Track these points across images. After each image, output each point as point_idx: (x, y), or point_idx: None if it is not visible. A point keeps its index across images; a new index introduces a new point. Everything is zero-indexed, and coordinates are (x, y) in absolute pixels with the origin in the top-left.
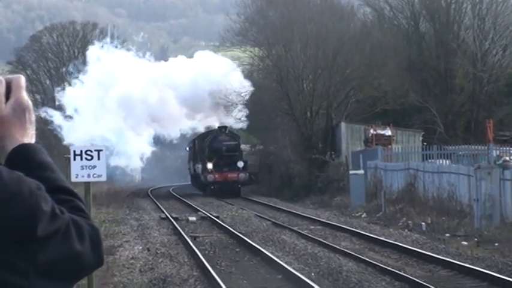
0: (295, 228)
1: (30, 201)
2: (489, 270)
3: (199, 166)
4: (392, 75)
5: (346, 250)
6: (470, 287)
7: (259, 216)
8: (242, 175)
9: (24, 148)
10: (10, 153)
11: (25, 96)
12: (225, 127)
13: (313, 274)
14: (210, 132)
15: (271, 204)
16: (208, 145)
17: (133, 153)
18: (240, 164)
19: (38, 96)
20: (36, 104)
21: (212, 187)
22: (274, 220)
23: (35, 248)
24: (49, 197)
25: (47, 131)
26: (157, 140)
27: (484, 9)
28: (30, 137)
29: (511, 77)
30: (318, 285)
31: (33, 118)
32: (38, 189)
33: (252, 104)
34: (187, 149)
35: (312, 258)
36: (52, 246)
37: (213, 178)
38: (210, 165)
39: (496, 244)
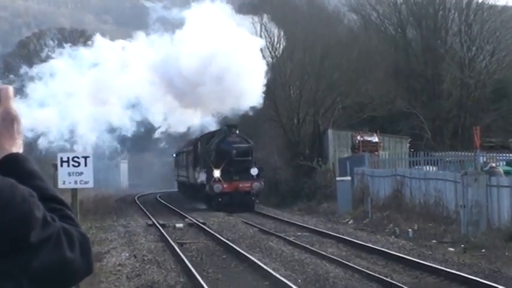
0: (282, 235)
1: (23, 208)
2: (476, 276)
3: (202, 174)
4: (379, 82)
5: (332, 256)
6: None
7: (246, 222)
8: (257, 184)
9: (13, 158)
10: (0, 163)
11: (13, 107)
12: (235, 126)
13: (299, 281)
14: (216, 133)
15: (257, 210)
16: (215, 148)
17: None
18: (254, 171)
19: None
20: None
21: (220, 199)
22: (261, 227)
23: (27, 254)
24: (41, 205)
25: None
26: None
27: (471, 15)
28: (18, 146)
29: (498, 82)
30: None
31: (21, 128)
32: (30, 197)
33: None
34: (174, 155)
35: (298, 264)
36: (44, 253)
37: (221, 188)
38: (217, 173)
39: (483, 250)
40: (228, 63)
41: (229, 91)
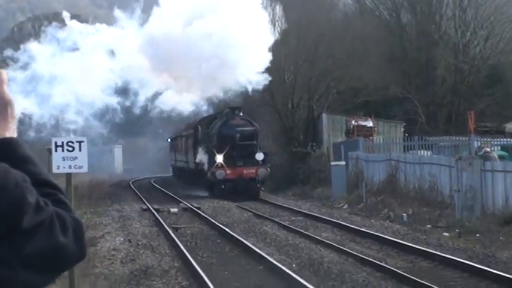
0: (277, 220)
1: (16, 193)
2: (470, 261)
3: (203, 159)
4: (373, 67)
5: (327, 241)
6: (451, 278)
7: (240, 207)
8: (262, 170)
9: (6, 142)
10: None
11: (6, 91)
12: (239, 108)
13: (294, 265)
14: (218, 115)
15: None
16: (217, 132)
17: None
18: (260, 156)
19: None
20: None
21: (222, 186)
22: (255, 211)
23: (20, 239)
24: (34, 190)
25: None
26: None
27: (466, 0)
28: (12, 131)
29: (492, 68)
30: (299, 276)
31: (15, 113)
32: (23, 181)
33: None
34: (169, 140)
35: (293, 249)
36: (37, 238)
37: (224, 175)
38: (219, 158)
39: (477, 235)
40: (228, 34)
41: (228, 66)
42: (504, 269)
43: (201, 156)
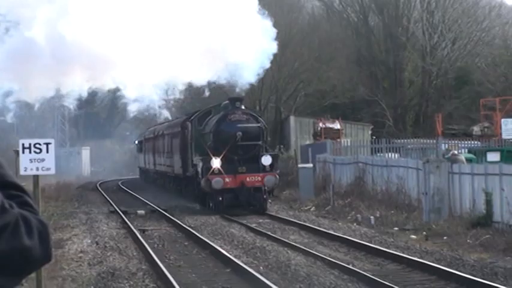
0: (244, 222)
1: None
2: (438, 263)
3: (198, 163)
4: (341, 69)
5: (294, 244)
6: (419, 281)
7: (206, 209)
8: (270, 178)
9: None
10: None
11: None
12: (240, 99)
13: (261, 268)
14: (213, 109)
15: None
16: (214, 130)
17: None
18: (267, 160)
19: None
20: None
21: (220, 198)
22: (222, 214)
23: None
24: None
25: None
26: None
27: (433, 3)
28: None
29: (460, 70)
30: (267, 278)
31: None
32: None
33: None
34: (136, 142)
35: (260, 251)
36: (1, 241)
37: (222, 183)
38: (216, 163)
39: (445, 238)
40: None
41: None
42: (472, 271)
43: (193, 160)
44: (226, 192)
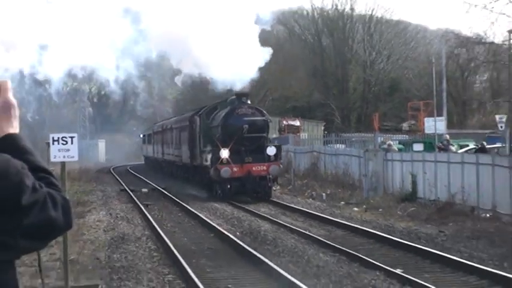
0: (207, 194)
1: (17, 178)
2: (374, 230)
3: (207, 154)
4: (300, 79)
5: (264, 215)
6: (360, 243)
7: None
8: (275, 167)
9: (10, 137)
10: None
11: (11, 97)
12: (246, 95)
13: (238, 233)
14: (219, 104)
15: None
16: (222, 123)
17: None
18: (271, 150)
19: None
20: None
21: (228, 186)
22: (209, 193)
23: (20, 215)
24: (31, 175)
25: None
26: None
27: (372, 27)
28: (15, 128)
29: (393, 80)
30: (242, 241)
31: (17, 113)
32: (22, 168)
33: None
34: (141, 136)
35: (237, 220)
36: (33, 213)
37: (230, 173)
38: (225, 153)
39: (380, 210)
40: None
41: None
42: (401, 236)
43: (202, 151)
44: (234, 181)
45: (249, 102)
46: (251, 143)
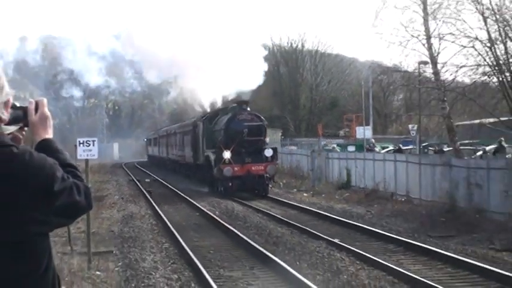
0: (209, 190)
1: (50, 171)
2: (319, 210)
3: (210, 155)
4: (264, 98)
5: (237, 199)
6: (308, 219)
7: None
8: (272, 167)
9: (46, 141)
10: (38, 144)
11: (46, 111)
12: (246, 102)
13: (217, 212)
14: (221, 111)
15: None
16: (224, 127)
17: None
18: (269, 152)
19: None
20: None
21: (230, 183)
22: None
23: (53, 198)
24: (61, 169)
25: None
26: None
27: (317, 59)
28: (49, 134)
29: (333, 98)
30: (220, 219)
31: (51, 123)
32: (54, 164)
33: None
34: (145, 139)
35: (216, 203)
36: (62, 197)
37: (232, 172)
38: (227, 154)
39: (323, 195)
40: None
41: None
42: (338, 214)
43: (204, 152)
44: (235, 179)
45: (248, 109)
46: (250, 145)
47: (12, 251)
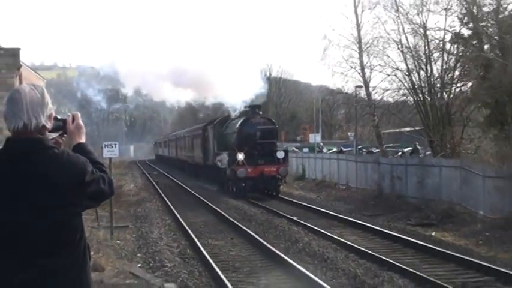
0: (208, 185)
1: (83, 166)
2: (281, 195)
3: (223, 157)
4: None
5: (228, 199)
6: (273, 202)
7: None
8: (283, 169)
9: (80, 144)
10: (74, 147)
11: (81, 121)
12: (259, 106)
13: (206, 196)
14: (228, 116)
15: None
16: (238, 130)
17: None
18: (281, 154)
19: None
20: None
21: (243, 184)
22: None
23: (85, 187)
24: (91, 165)
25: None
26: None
27: (281, 83)
28: (83, 139)
29: (293, 112)
30: (207, 200)
31: (84, 131)
32: (86, 161)
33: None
34: (154, 143)
35: (212, 194)
36: (92, 186)
37: (245, 173)
38: (241, 156)
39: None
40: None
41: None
42: (296, 199)
43: (216, 154)
44: (248, 180)
45: (260, 113)
46: (263, 147)
47: (58, 226)
